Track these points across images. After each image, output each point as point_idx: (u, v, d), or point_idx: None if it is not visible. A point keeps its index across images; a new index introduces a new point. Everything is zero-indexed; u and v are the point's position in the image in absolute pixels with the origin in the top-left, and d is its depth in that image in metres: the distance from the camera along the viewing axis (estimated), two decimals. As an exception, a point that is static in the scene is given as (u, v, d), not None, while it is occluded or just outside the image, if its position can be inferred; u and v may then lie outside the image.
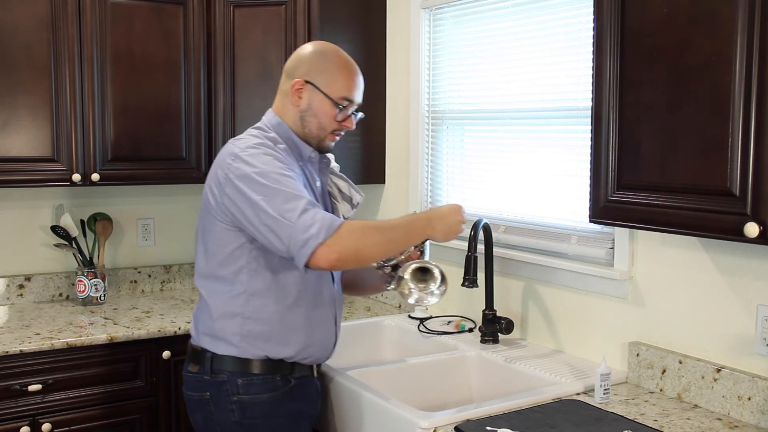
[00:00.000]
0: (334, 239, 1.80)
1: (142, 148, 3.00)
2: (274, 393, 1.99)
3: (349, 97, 2.03)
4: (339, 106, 2.02)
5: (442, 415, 1.89)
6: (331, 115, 2.03)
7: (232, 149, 1.95)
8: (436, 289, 2.05)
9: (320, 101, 2.02)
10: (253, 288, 1.97)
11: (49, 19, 2.78)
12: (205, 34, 3.07)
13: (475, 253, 2.35)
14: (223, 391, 1.98)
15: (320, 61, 2.03)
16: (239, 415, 1.98)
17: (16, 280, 3.10)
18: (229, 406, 1.98)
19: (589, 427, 1.82)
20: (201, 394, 2.02)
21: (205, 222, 2.02)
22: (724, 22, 1.58)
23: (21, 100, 2.76)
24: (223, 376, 1.98)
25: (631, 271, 2.22)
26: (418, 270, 2.05)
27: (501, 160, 2.72)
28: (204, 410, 2.02)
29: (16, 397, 2.51)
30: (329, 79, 2.02)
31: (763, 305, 1.90)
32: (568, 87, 2.41)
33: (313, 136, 2.05)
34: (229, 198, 1.90)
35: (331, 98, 2.01)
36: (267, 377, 1.99)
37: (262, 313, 1.97)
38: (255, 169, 1.87)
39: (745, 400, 1.90)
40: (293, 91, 2.02)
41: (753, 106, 1.54)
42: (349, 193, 2.17)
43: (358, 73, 2.07)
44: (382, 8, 3.20)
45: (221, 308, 1.99)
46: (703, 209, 1.64)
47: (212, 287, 2.01)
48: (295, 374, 2.03)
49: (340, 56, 2.07)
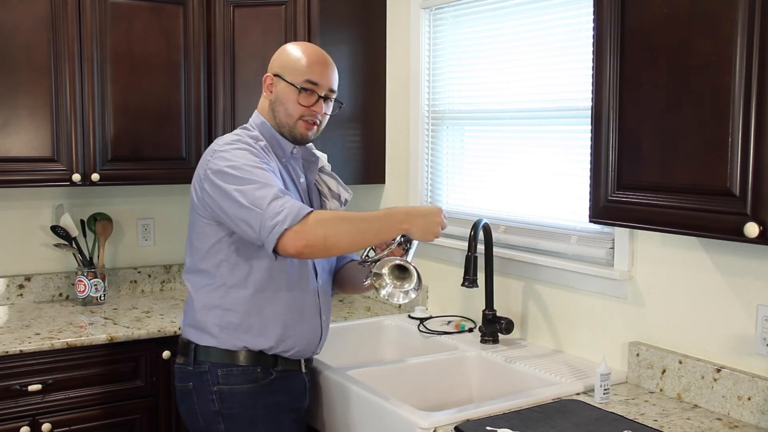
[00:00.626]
0: (301, 226, 1.84)
1: (142, 148, 3.00)
2: (253, 384, 2.04)
3: (311, 79, 2.07)
4: (300, 88, 2.07)
5: (442, 415, 1.89)
6: (294, 99, 2.08)
7: (213, 147, 2.05)
8: (410, 288, 2.00)
9: (284, 88, 2.09)
10: (232, 280, 2.03)
11: (49, 19, 2.78)
12: (205, 34, 3.08)
13: (475, 253, 2.35)
14: (204, 381, 2.04)
15: (286, 54, 2.13)
16: (219, 405, 2.03)
17: (16, 280, 3.10)
18: (210, 396, 2.04)
19: (589, 427, 1.82)
20: (185, 384, 2.09)
21: (191, 219, 2.10)
22: (724, 22, 1.58)
23: (21, 100, 2.76)
24: (205, 366, 2.05)
25: (631, 271, 2.22)
26: (397, 268, 2.02)
27: (501, 160, 2.72)
28: (188, 400, 2.09)
29: (16, 397, 2.51)
30: (292, 67, 2.09)
31: (763, 305, 1.90)
32: (568, 87, 2.41)
33: (283, 125, 2.11)
34: (207, 192, 1.98)
35: (292, 83, 2.07)
36: (247, 369, 2.04)
37: (241, 304, 2.03)
38: (229, 163, 1.95)
39: (745, 400, 1.90)
40: (265, 86, 2.14)
41: (753, 106, 1.54)
42: (338, 191, 2.22)
43: (324, 60, 2.12)
44: (382, 8, 3.20)
45: (203, 300, 2.06)
46: (703, 209, 1.64)
47: (196, 281, 2.09)
48: (278, 367, 2.07)
49: (306, 47, 2.16)
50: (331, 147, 3.03)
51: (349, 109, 3.11)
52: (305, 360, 2.15)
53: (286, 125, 2.10)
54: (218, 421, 2.04)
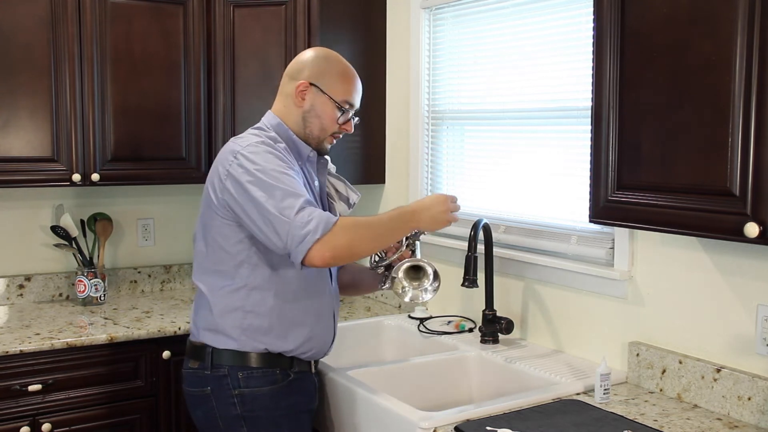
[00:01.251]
0: (330, 237, 1.84)
1: (142, 148, 3.00)
2: (273, 386, 2.03)
3: (350, 100, 2.11)
4: (341, 108, 2.09)
5: (442, 415, 1.89)
6: (333, 117, 2.09)
7: (234, 147, 2.00)
8: (429, 285, 2.08)
9: (323, 103, 2.08)
10: (253, 282, 2.01)
11: (49, 19, 2.78)
12: (205, 34, 3.07)
13: (475, 253, 2.35)
14: (223, 385, 2.02)
15: (324, 65, 2.10)
16: (240, 408, 2.01)
17: (16, 280, 3.10)
18: (230, 399, 2.01)
19: (589, 427, 1.82)
20: (201, 389, 2.05)
21: (205, 218, 2.05)
22: (724, 22, 1.58)
23: (21, 101, 2.76)
24: (224, 370, 2.02)
25: (631, 271, 2.22)
26: (411, 269, 2.09)
27: (501, 160, 2.72)
28: (205, 405, 2.05)
29: (16, 397, 2.51)
30: (332, 83, 2.09)
31: (763, 305, 1.90)
32: (568, 87, 2.41)
33: (314, 137, 2.10)
34: (230, 194, 1.95)
35: (334, 100, 2.08)
36: (266, 371, 2.03)
37: (262, 306, 2.01)
38: (256, 166, 1.92)
39: (745, 400, 1.90)
40: (297, 92, 2.08)
41: (753, 106, 1.54)
42: (346, 193, 2.23)
43: (358, 79, 2.15)
44: (382, 8, 3.20)
45: (222, 302, 2.03)
46: (703, 209, 1.64)
47: (213, 282, 2.05)
48: (294, 369, 2.07)
49: (343, 62, 2.15)
50: (332, 147, 3.03)
51: (349, 109, 3.11)
52: (315, 361, 2.15)
53: (316, 138, 2.10)
54: (240, 424, 2.01)
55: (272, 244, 1.89)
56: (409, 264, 2.07)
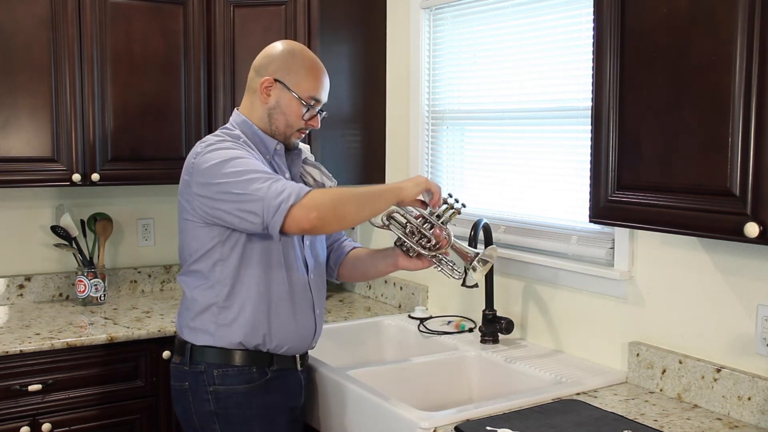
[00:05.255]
0: (308, 200, 1.84)
1: (142, 148, 3.01)
2: (249, 385, 2.05)
3: (316, 96, 2.10)
4: (307, 105, 2.08)
5: (442, 415, 1.89)
6: (299, 113, 2.09)
7: (195, 149, 2.04)
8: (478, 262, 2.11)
9: (288, 100, 2.08)
10: (227, 279, 2.03)
11: (49, 19, 2.78)
12: (205, 34, 3.08)
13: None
14: (200, 382, 2.05)
15: (289, 61, 2.09)
16: (214, 404, 2.04)
17: (16, 280, 3.10)
18: (206, 396, 2.04)
19: (589, 427, 1.82)
20: (181, 384, 2.09)
21: (180, 224, 2.10)
22: (724, 22, 1.58)
23: (21, 100, 2.76)
24: (201, 366, 2.05)
25: (631, 271, 2.22)
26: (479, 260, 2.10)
27: (501, 160, 2.72)
28: (184, 400, 2.09)
29: (16, 397, 2.51)
30: (298, 79, 2.08)
31: (763, 305, 1.90)
32: (568, 87, 2.41)
33: (279, 133, 2.11)
34: (198, 195, 1.98)
35: (299, 97, 2.07)
36: (243, 369, 2.05)
37: (235, 301, 2.03)
38: (217, 159, 1.94)
39: (745, 400, 1.90)
40: (262, 89, 2.08)
41: (753, 107, 1.54)
42: (321, 180, 2.21)
43: (325, 74, 2.13)
44: (382, 8, 3.20)
45: (198, 300, 2.07)
46: (703, 209, 1.64)
47: (191, 281, 2.09)
48: (274, 367, 2.08)
49: (309, 56, 2.13)
50: (331, 147, 3.03)
51: (348, 109, 3.11)
52: (300, 357, 2.15)
53: (282, 134, 2.11)
54: (213, 421, 2.05)
55: (252, 224, 1.89)
56: (480, 257, 2.09)
